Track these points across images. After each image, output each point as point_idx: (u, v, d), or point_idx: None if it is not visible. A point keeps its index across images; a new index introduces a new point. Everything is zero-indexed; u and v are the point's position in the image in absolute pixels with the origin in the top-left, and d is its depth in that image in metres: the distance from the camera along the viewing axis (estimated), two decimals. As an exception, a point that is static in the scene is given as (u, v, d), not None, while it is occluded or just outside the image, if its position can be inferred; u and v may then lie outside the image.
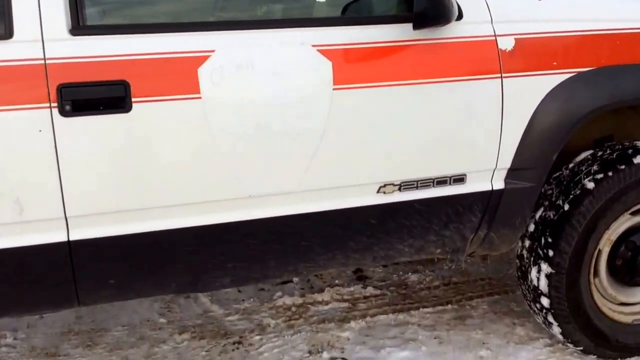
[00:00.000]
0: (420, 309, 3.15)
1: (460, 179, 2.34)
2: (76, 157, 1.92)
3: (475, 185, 2.37)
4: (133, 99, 1.94)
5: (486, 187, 2.39)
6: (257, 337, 2.93)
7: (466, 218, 2.40)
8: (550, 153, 2.42)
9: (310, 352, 2.81)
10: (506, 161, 2.37)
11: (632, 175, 2.47)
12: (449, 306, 3.18)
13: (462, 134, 2.32)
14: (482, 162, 2.36)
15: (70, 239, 1.97)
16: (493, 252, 2.58)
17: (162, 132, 1.99)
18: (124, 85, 1.93)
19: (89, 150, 1.94)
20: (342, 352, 2.82)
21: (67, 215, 1.95)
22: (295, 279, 3.47)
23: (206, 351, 2.84)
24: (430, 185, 2.31)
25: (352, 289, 3.36)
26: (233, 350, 2.85)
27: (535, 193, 2.45)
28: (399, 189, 2.28)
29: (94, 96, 1.92)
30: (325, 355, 2.78)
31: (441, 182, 2.32)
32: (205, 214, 2.09)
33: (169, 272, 2.14)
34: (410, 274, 3.53)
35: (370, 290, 3.35)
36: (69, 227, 1.96)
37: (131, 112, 1.94)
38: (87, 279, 2.04)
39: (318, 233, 2.25)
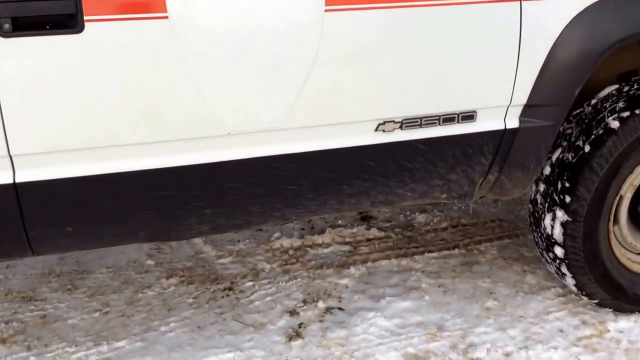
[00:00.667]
0: (425, 254, 2.95)
1: (469, 117, 2.08)
2: (19, 86, 1.67)
3: (486, 123, 2.11)
4: (85, 17, 1.66)
5: (498, 125, 2.13)
6: (250, 284, 2.75)
7: (475, 160, 2.15)
8: (572, 88, 2.14)
9: (305, 302, 2.62)
10: (522, 97, 2.09)
11: (662, 114, 2.20)
12: (456, 251, 2.97)
13: (473, 65, 2.05)
14: (494, 98, 2.08)
15: (17, 180, 1.75)
16: (503, 197, 2.34)
17: (120, 57, 1.71)
18: (74, 1, 1.66)
19: (33, 78, 1.67)
20: (340, 302, 2.63)
21: (11, 154, 1.71)
22: (294, 219, 3.26)
23: (194, 298, 2.67)
24: (435, 123, 2.05)
25: (354, 230, 3.16)
26: (223, 297, 2.67)
27: (553, 132, 2.19)
28: (400, 127, 2.03)
29: (38, 13, 1.64)
30: (320, 304, 2.59)
31: (448, 119, 2.06)
32: (177, 154, 1.85)
33: (136, 219, 1.92)
34: (417, 214, 3.31)
35: (373, 232, 3.14)
36: (15, 167, 1.74)
37: (83, 32, 1.67)
38: (39, 226, 1.82)
39: (307, 176, 2.01)
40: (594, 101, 2.30)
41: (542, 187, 2.35)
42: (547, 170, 2.32)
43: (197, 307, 2.61)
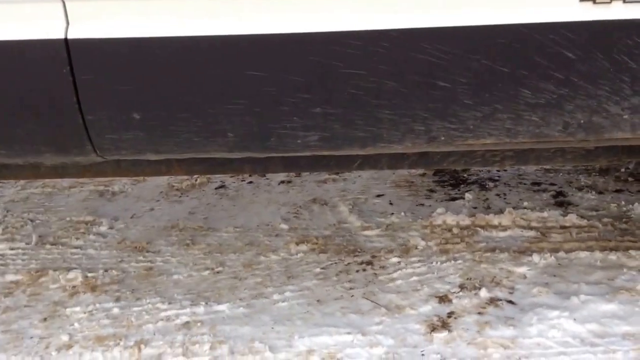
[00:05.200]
0: (646, 250, 2.11)
1: None
2: None
3: None
4: None
5: None
6: (395, 260, 2.13)
7: None
8: None
9: (461, 287, 1.95)
10: None
11: None
12: (696, 250, 2.09)
13: None
14: None
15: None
16: None
17: None
18: None
19: None
20: (511, 294, 1.91)
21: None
22: (468, 196, 2.58)
23: (322, 268, 2.11)
24: None
25: (545, 214, 2.40)
26: (357, 271, 2.09)
27: None
28: None
29: None
30: (483, 293, 1.90)
31: None
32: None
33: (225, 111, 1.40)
34: (636, 204, 2.45)
35: (572, 219, 2.35)
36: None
37: None
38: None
39: (463, 67, 1.36)
40: None
41: None
42: None
43: (323, 279, 2.05)
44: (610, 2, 1.30)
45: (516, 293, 1.91)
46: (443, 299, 1.90)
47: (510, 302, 1.87)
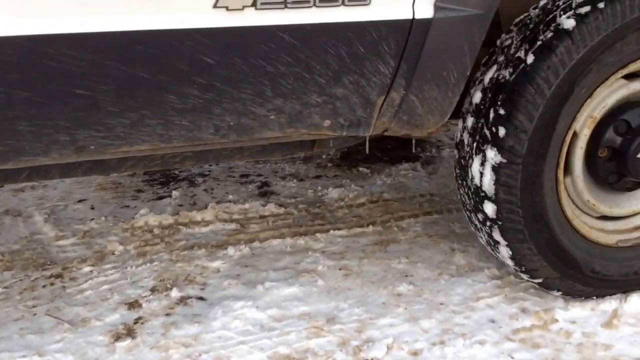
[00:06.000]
0: (331, 232, 2.28)
1: None
2: None
3: (385, 8, 1.46)
4: None
5: (404, 13, 1.47)
6: (87, 269, 2.05)
7: (370, 67, 1.49)
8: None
9: (153, 290, 1.94)
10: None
11: (634, 8, 1.57)
12: (370, 228, 2.31)
13: None
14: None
15: None
16: (416, 131, 1.67)
17: None
18: None
19: None
20: (202, 290, 1.95)
21: None
22: (175, 194, 2.58)
23: (4, 287, 1.97)
24: (308, 3, 1.40)
25: (246, 206, 2.48)
26: (44, 286, 1.97)
27: (482, 27, 1.53)
28: (254, 5, 1.37)
29: None
30: (174, 293, 1.91)
31: (328, -1, 1.42)
32: None
33: None
34: (330, 189, 2.63)
35: (270, 209, 2.46)
36: None
37: None
38: None
39: (107, 74, 1.34)
40: (543, 2, 1.66)
41: (470, 121, 1.69)
42: (477, 97, 1.67)
43: (4, 299, 1.91)
44: (242, 9, 1.36)
45: (207, 288, 1.95)
46: (133, 304, 1.87)
47: (201, 298, 1.90)
